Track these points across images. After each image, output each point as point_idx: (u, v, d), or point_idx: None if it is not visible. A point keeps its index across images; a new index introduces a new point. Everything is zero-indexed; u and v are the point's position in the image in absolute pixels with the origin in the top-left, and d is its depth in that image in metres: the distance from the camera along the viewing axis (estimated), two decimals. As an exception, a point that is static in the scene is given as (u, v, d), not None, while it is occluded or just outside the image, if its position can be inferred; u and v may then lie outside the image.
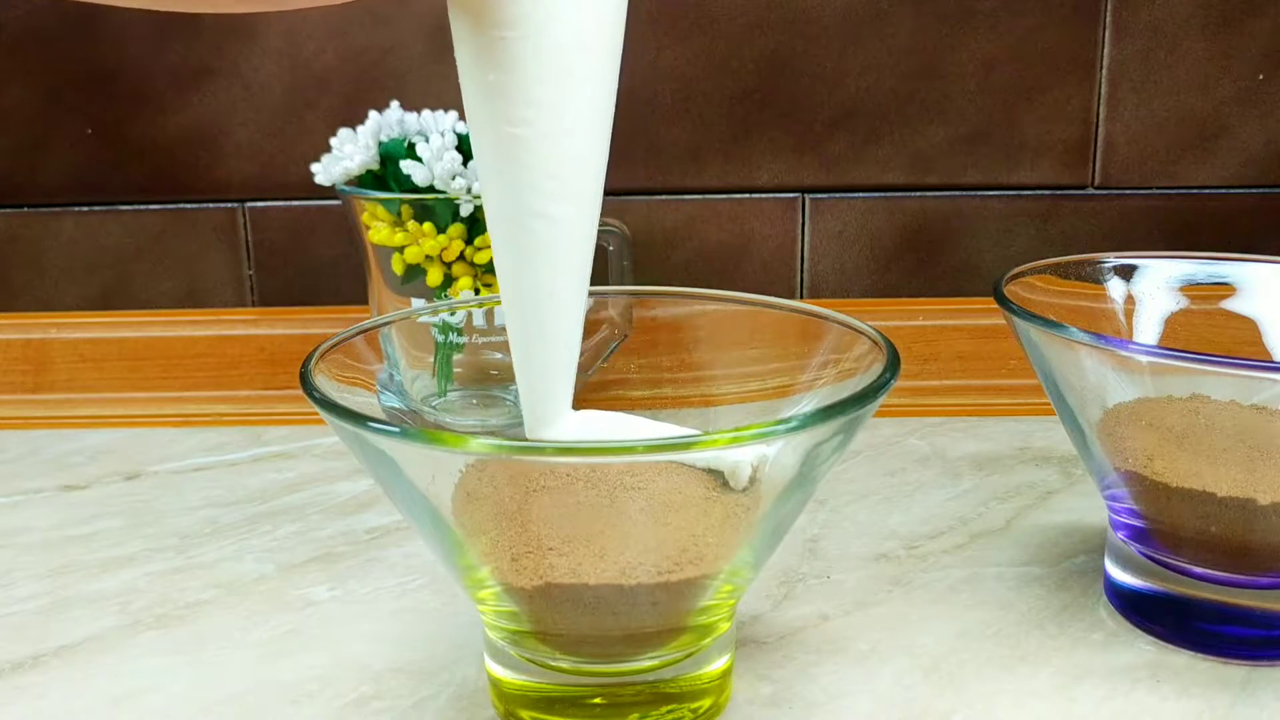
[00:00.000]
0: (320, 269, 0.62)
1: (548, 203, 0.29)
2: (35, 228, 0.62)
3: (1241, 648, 0.34)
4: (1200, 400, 0.35)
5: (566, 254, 0.30)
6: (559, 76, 0.28)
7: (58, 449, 0.55)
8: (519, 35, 0.27)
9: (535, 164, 0.29)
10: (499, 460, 0.31)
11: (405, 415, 0.42)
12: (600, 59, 0.29)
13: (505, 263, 0.30)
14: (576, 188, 0.29)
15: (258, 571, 0.41)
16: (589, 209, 0.30)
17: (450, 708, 0.33)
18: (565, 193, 0.29)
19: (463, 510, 0.29)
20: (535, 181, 0.29)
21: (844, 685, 0.34)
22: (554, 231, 0.30)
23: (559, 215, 0.29)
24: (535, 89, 0.28)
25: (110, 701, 0.33)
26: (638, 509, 0.30)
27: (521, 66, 0.28)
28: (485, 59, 0.28)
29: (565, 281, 0.30)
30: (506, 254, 0.30)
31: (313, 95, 0.59)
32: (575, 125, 0.29)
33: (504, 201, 0.30)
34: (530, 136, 0.28)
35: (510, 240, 0.30)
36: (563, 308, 0.31)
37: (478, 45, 0.28)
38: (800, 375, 0.34)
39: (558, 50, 0.28)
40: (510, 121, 0.29)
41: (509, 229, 0.30)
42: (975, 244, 0.60)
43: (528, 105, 0.28)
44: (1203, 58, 0.58)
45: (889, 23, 0.58)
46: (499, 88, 0.28)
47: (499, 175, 0.29)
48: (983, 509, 0.46)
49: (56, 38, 0.59)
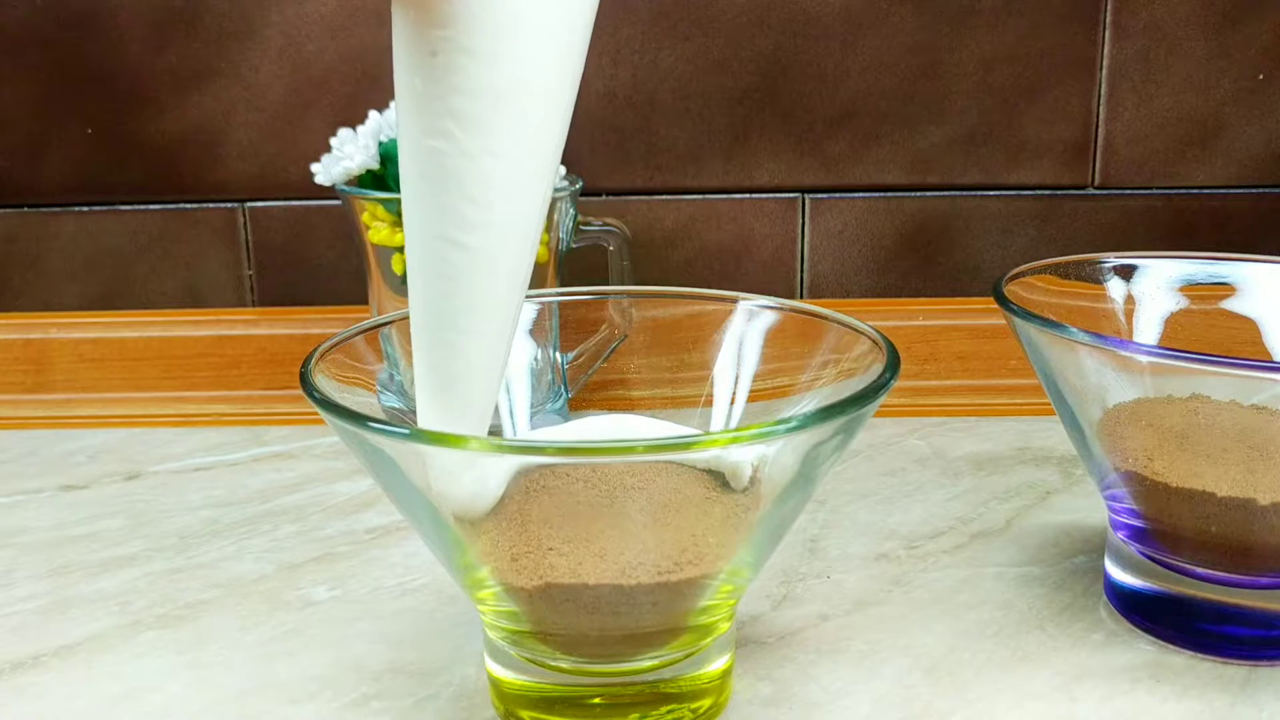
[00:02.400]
0: (320, 269, 0.62)
1: (463, 231, 0.26)
2: (35, 228, 0.62)
3: (1241, 648, 0.34)
4: (1200, 400, 0.35)
5: (483, 291, 0.27)
6: (487, 87, 0.25)
7: (58, 449, 0.55)
8: (450, 35, 0.24)
9: (452, 185, 0.26)
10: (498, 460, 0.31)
11: (405, 415, 0.42)
12: (546, 73, 0.25)
13: (415, 292, 0.27)
14: (501, 217, 0.26)
15: (258, 571, 0.41)
16: (516, 243, 0.27)
17: (450, 708, 0.33)
18: (485, 221, 0.26)
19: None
20: (451, 205, 0.26)
21: (844, 685, 0.34)
22: (470, 264, 0.26)
23: (476, 246, 0.26)
24: (456, 99, 0.25)
25: (110, 701, 0.33)
26: (638, 509, 0.30)
27: (446, 71, 0.25)
28: (414, 60, 0.25)
29: (480, 324, 0.27)
30: (416, 282, 0.27)
31: (313, 95, 0.59)
32: (502, 146, 0.25)
33: (418, 224, 0.27)
34: (448, 153, 0.25)
35: (420, 268, 0.27)
36: (475, 354, 0.28)
37: (410, 43, 0.25)
38: (800, 375, 0.34)
39: (491, 56, 0.25)
40: (429, 133, 0.25)
41: (421, 255, 0.27)
42: (975, 244, 0.60)
43: (448, 116, 0.25)
44: (1203, 58, 0.58)
45: (889, 23, 0.58)
46: (423, 94, 0.25)
47: (415, 194, 0.26)
48: (983, 509, 0.46)
49: (56, 38, 0.59)
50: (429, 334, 0.28)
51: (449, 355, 0.28)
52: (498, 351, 0.28)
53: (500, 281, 0.27)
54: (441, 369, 0.28)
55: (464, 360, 0.28)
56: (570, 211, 0.51)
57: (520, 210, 0.26)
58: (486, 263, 0.26)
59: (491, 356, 0.28)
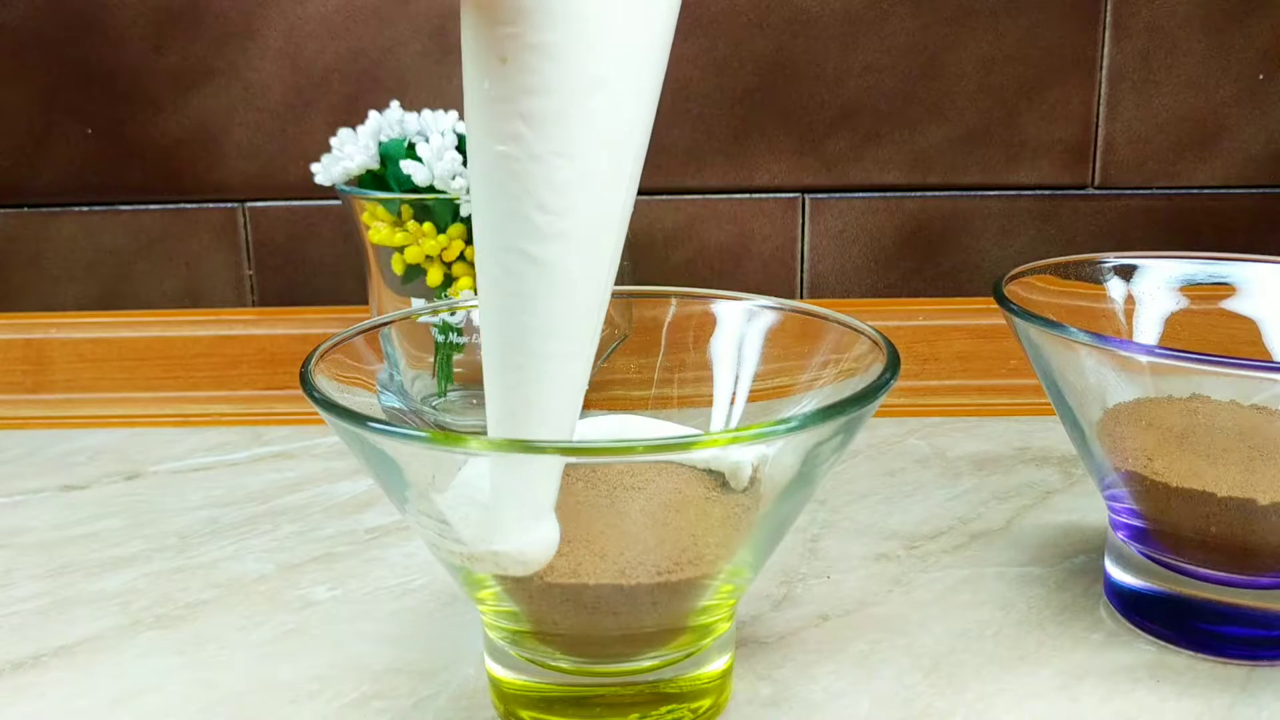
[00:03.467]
0: (320, 269, 0.62)
1: (534, 242, 0.24)
2: (35, 228, 0.62)
3: (1241, 648, 0.34)
4: (1200, 400, 0.35)
5: (557, 309, 0.25)
6: (559, 85, 0.23)
7: (58, 449, 0.55)
8: (519, 31, 0.23)
9: (522, 192, 0.24)
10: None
11: (405, 415, 0.42)
12: (622, 68, 0.24)
13: (485, 311, 0.26)
14: (575, 226, 0.24)
15: (258, 571, 0.41)
16: (593, 255, 0.25)
17: (450, 708, 0.33)
18: (559, 231, 0.24)
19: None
20: (522, 214, 0.24)
21: (844, 685, 0.34)
22: (542, 278, 0.24)
23: (548, 258, 0.24)
24: (526, 100, 0.23)
25: (110, 701, 0.33)
26: (638, 509, 0.30)
27: (516, 71, 0.23)
28: (485, 61, 0.24)
29: (554, 345, 0.25)
30: (485, 300, 0.26)
31: (313, 95, 0.59)
32: (575, 148, 0.24)
33: (486, 236, 0.25)
34: (518, 157, 0.24)
35: (489, 284, 0.25)
36: (548, 378, 0.26)
37: (480, 44, 0.24)
38: (800, 375, 0.34)
39: (562, 52, 0.23)
40: (498, 138, 0.24)
41: (490, 270, 0.25)
42: (975, 244, 0.60)
43: (518, 118, 0.23)
44: (1203, 58, 0.58)
45: (889, 23, 0.58)
46: (491, 96, 0.24)
47: (483, 204, 0.25)
48: (983, 509, 0.46)
49: (56, 38, 0.59)
50: (498, 356, 0.26)
51: (520, 380, 0.26)
52: (574, 375, 0.26)
53: (576, 298, 0.25)
54: (512, 394, 0.26)
55: (535, 385, 0.26)
56: (570, 211, 0.51)
57: (597, 218, 0.25)
58: (560, 277, 0.24)
59: (567, 381, 0.26)
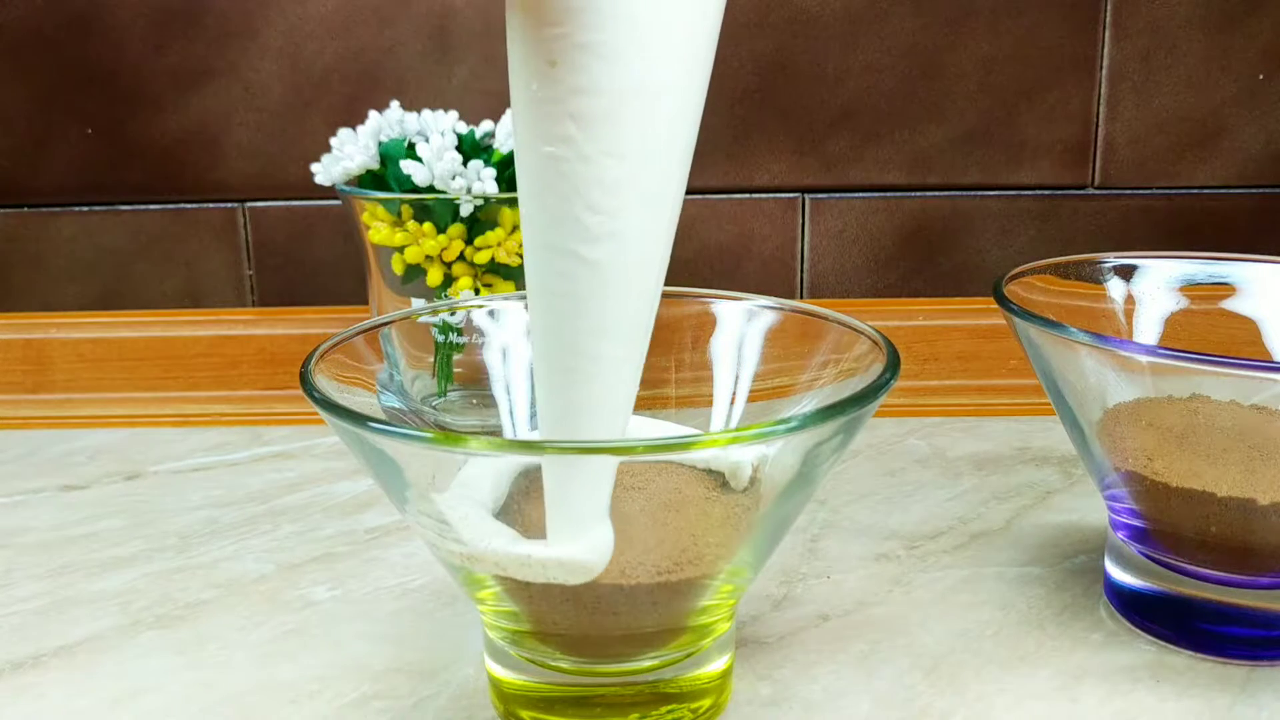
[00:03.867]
0: (320, 269, 0.62)
1: (585, 243, 0.24)
2: (35, 228, 0.62)
3: (1241, 648, 0.34)
4: (1200, 400, 0.35)
5: (608, 310, 0.25)
6: (608, 84, 0.23)
7: (58, 449, 0.55)
8: (567, 31, 0.23)
9: (572, 193, 0.24)
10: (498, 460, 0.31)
11: (405, 415, 0.42)
12: (671, 67, 0.24)
13: (535, 314, 0.26)
14: (626, 226, 0.24)
15: (258, 571, 0.41)
16: (644, 256, 0.25)
17: (450, 708, 0.33)
18: (609, 231, 0.24)
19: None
20: (572, 215, 0.24)
21: (844, 685, 0.34)
22: (593, 280, 0.24)
23: (599, 259, 0.24)
24: (575, 100, 0.23)
25: (110, 701, 0.33)
26: (638, 509, 0.30)
27: (565, 71, 0.23)
28: (533, 63, 0.23)
29: (605, 347, 0.25)
30: (537, 301, 0.26)
31: (313, 95, 0.59)
32: (625, 147, 0.23)
33: (536, 239, 0.25)
34: (567, 158, 0.23)
35: (539, 287, 0.25)
36: (599, 381, 0.25)
37: (528, 46, 0.23)
38: (800, 375, 0.34)
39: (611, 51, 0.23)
40: (546, 139, 0.24)
41: (540, 273, 0.25)
42: (975, 244, 0.60)
43: (567, 119, 0.23)
44: (1203, 58, 0.58)
45: (889, 23, 0.58)
46: (540, 97, 0.23)
47: (533, 206, 0.25)
48: (983, 509, 0.46)
49: (56, 38, 0.59)
50: (550, 359, 0.26)
51: (571, 382, 0.25)
52: (625, 377, 0.26)
53: (627, 298, 0.25)
54: (563, 397, 0.26)
55: (587, 387, 0.25)
56: (570, 211, 0.51)
57: (647, 219, 0.24)
58: (611, 278, 0.24)
59: (618, 382, 0.26)
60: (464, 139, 0.49)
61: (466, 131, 0.50)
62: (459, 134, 0.49)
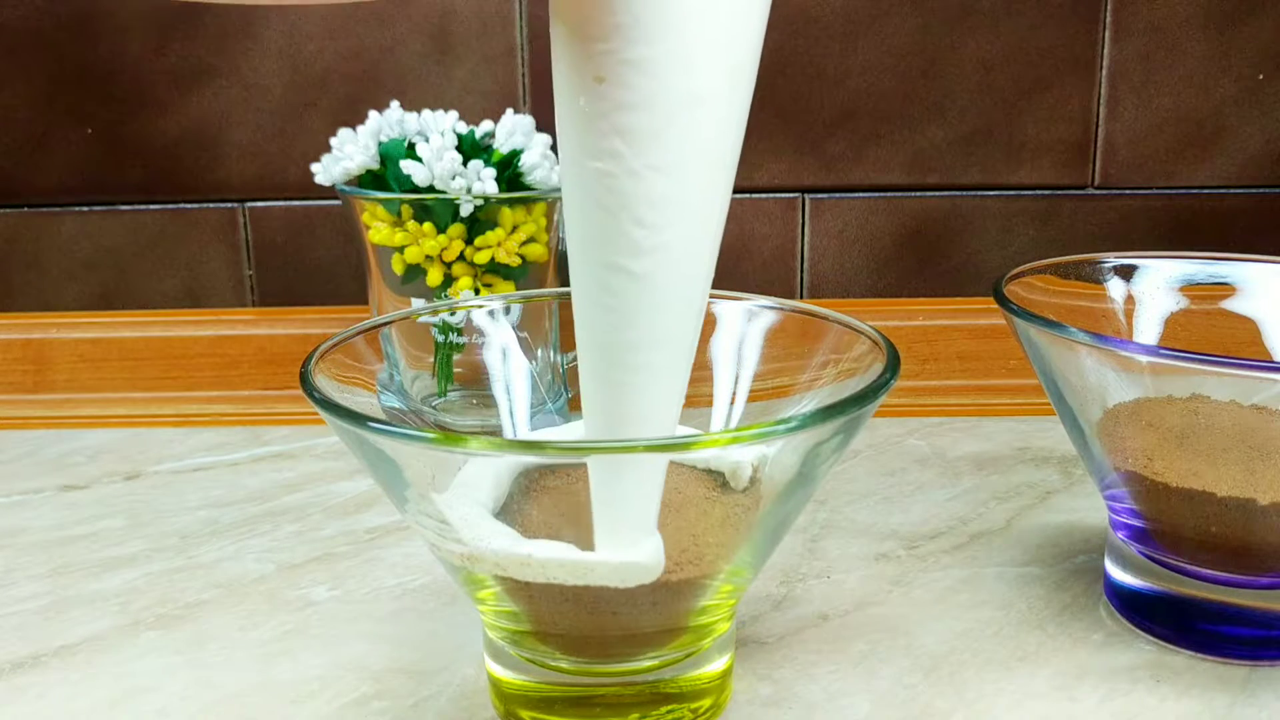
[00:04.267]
0: (320, 269, 0.62)
1: (632, 257, 0.24)
2: (35, 228, 0.62)
3: (1241, 648, 0.34)
4: (1200, 400, 0.35)
5: (655, 323, 0.25)
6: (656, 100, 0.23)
7: (58, 449, 0.55)
8: (614, 48, 0.23)
9: (619, 208, 0.24)
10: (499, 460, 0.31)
11: (405, 415, 0.42)
12: (716, 82, 0.24)
13: (582, 328, 0.26)
14: (672, 239, 0.24)
15: (258, 571, 0.41)
16: (689, 269, 0.25)
17: (450, 708, 0.33)
18: (655, 245, 0.24)
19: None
20: (619, 229, 0.24)
21: (844, 685, 0.34)
22: (639, 293, 0.25)
23: (645, 272, 0.24)
24: (622, 115, 0.23)
25: (110, 701, 0.33)
26: (638, 509, 0.30)
27: (612, 86, 0.23)
28: (580, 80, 0.24)
29: (653, 359, 0.25)
30: (583, 313, 0.26)
31: (313, 95, 0.59)
32: (671, 162, 0.24)
33: (583, 253, 0.25)
34: (615, 173, 0.24)
35: (586, 300, 0.26)
36: (646, 393, 0.26)
37: (574, 62, 0.24)
38: (800, 375, 0.34)
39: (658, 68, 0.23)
40: (593, 154, 0.24)
41: (586, 287, 0.26)
42: (975, 244, 0.60)
43: (614, 134, 0.23)
44: (1203, 58, 0.58)
45: (889, 23, 0.58)
46: (587, 113, 0.24)
47: (579, 221, 0.25)
48: (983, 509, 0.46)
49: (56, 38, 0.59)
50: (598, 372, 0.26)
51: (620, 394, 0.26)
52: (671, 389, 0.26)
53: (673, 312, 0.25)
54: (613, 408, 0.26)
55: (635, 397, 0.26)
56: (570, 211, 0.51)
57: (693, 232, 0.25)
58: (657, 291, 0.25)
59: (666, 393, 0.26)
60: (464, 139, 0.49)
61: (466, 131, 0.50)
62: (459, 134, 0.49)
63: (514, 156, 0.49)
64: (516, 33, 0.58)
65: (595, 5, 0.23)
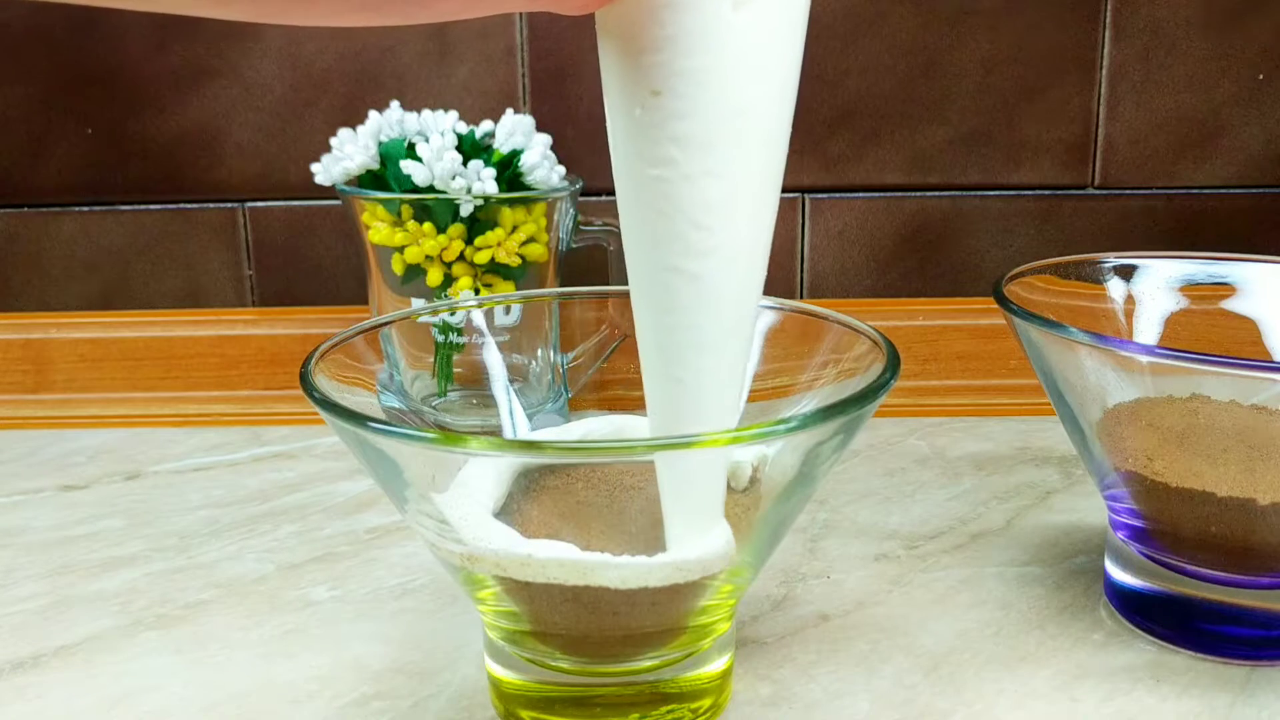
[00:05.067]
0: (320, 269, 0.62)
1: (690, 258, 0.25)
2: (35, 228, 0.62)
3: (1241, 648, 0.34)
4: (1200, 400, 0.35)
5: (713, 321, 0.26)
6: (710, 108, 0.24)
7: (58, 449, 0.55)
8: (666, 59, 0.24)
9: (676, 212, 0.25)
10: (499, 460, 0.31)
11: (405, 415, 0.42)
12: (765, 83, 0.25)
13: (642, 325, 0.27)
14: (728, 241, 0.25)
15: (258, 571, 0.41)
16: (745, 268, 0.26)
17: (450, 708, 0.33)
18: (713, 246, 0.25)
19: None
20: (677, 232, 0.25)
21: (844, 685, 0.34)
22: (698, 293, 0.26)
23: (702, 272, 0.25)
24: (677, 124, 0.24)
25: (110, 701, 0.33)
26: (638, 509, 0.30)
27: (667, 97, 0.24)
28: (635, 89, 0.24)
29: (711, 358, 0.26)
30: (643, 315, 0.27)
31: (313, 95, 0.59)
32: (726, 166, 0.25)
33: (639, 253, 0.26)
34: (671, 179, 0.25)
35: (647, 299, 0.26)
36: (707, 387, 0.27)
37: (627, 75, 0.24)
38: (800, 375, 0.34)
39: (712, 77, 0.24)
40: (650, 161, 0.25)
41: (645, 286, 0.26)
42: (975, 244, 0.60)
43: (672, 142, 0.24)
44: (1203, 58, 0.58)
45: (889, 23, 0.58)
46: (643, 122, 0.24)
47: (638, 227, 0.26)
48: (983, 509, 0.46)
49: (56, 38, 0.59)
50: (659, 371, 0.27)
51: (681, 392, 0.27)
52: (730, 386, 0.27)
53: (728, 311, 0.26)
54: (674, 406, 0.27)
55: (695, 395, 0.27)
56: (570, 211, 0.51)
57: (746, 234, 0.26)
58: (715, 291, 0.26)
59: (724, 390, 0.27)
60: (464, 139, 0.49)
61: (466, 131, 0.50)
62: (459, 134, 0.49)
63: (514, 156, 0.49)
64: (516, 33, 0.58)
65: (644, 19, 0.23)
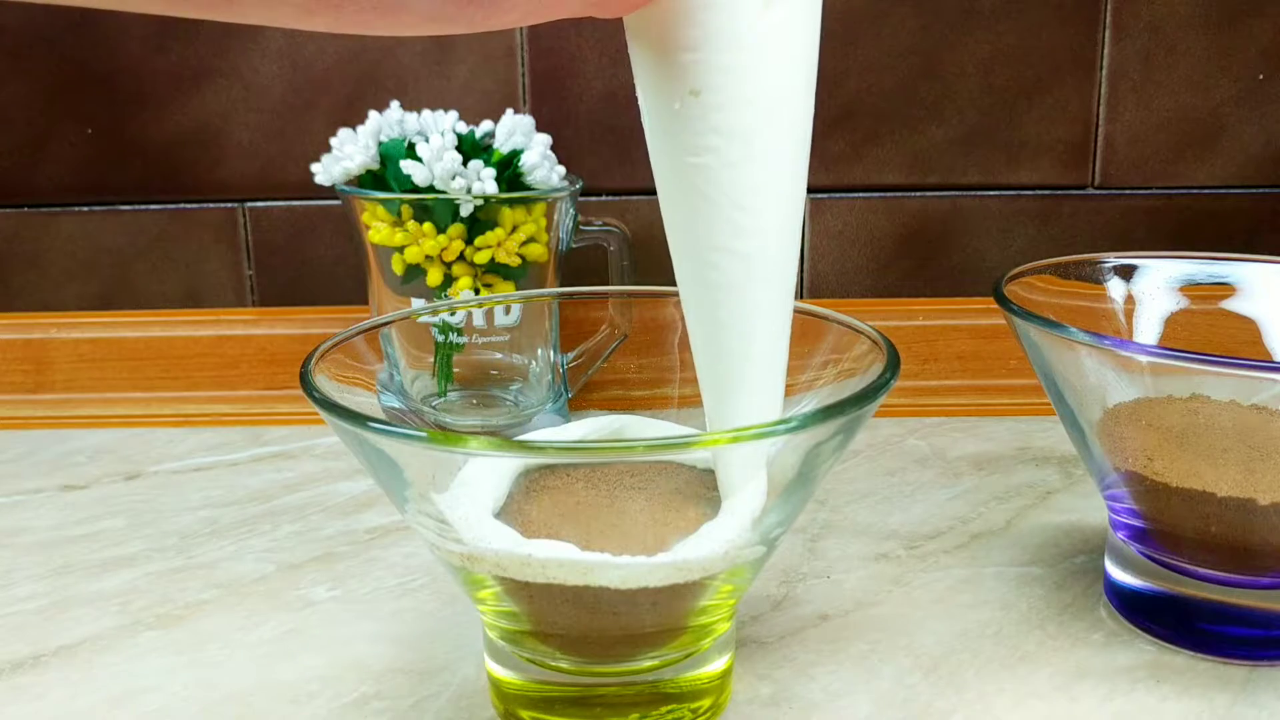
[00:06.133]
0: (320, 269, 0.62)
1: (737, 238, 0.27)
2: (35, 228, 0.62)
3: (1241, 648, 0.34)
4: (1200, 400, 0.35)
5: (762, 293, 0.28)
6: (751, 98, 0.25)
7: (58, 449, 0.55)
8: (703, 56, 0.25)
9: (722, 197, 0.26)
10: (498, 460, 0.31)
11: (405, 415, 0.42)
12: (795, 75, 0.26)
13: (692, 305, 0.28)
14: (770, 219, 0.27)
15: (258, 571, 0.41)
16: (785, 242, 0.28)
17: (450, 708, 0.33)
18: (756, 226, 0.27)
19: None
20: (723, 215, 0.27)
21: (844, 685, 0.34)
22: (745, 269, 0.27)
23: (748, 251, 0.27)
24: (718, 115, 0.26)
25: (110, 701, 0.33)
26: (637, 509, 0.30)
27: (710, 92, 0.25)
28: (668, 86, 0.26)
29: (762, 325, 0.28)
30: (693, 295, 0.28)
31: (313, 95, 0.59)
32: (765, 151, 0.26)
33: (687, 237, 0.28)
34: (714, 166, 0.26)
35: (696, 280, 0.28)
36: (759, 356, 0.28)
37: (660, 71, 0.26)
38: (800, 375, 0.34)
39: (753, 70, 0.25)
40: (692, 151, 0.26)
41: (694, 268, 0.28)
42: (975, 244, 0.60)
43: (713, 132, 0.26)
44: (1203, 58, 0.58)
45: (889, 23, 0.58)
46: (683, 115, 0.26)
47: (683, 213, 0.27)
48: (983, 509, 0.46)
49: (57, 38, 0.59)
50: (711, 354, 0.29)
51: (728, 367, 0.28)
52: (782, 352, 0.29)
53: (776, 282, 0.28)
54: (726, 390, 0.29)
55: (740, 371, 0.28)
56: (570, 211, 0.51)
57: (785, 213, 0.27)
58: (761, 268, 0.27)
59: (771, 369, 0.29)
60: (464, 139, 0.49)
61: (466, 131, 0.50)
62: (459, 134, 0.49)
63: (514, 156, 0.49)
64: (516, 33, 0.58)
65: (680, 20, 0.25)
